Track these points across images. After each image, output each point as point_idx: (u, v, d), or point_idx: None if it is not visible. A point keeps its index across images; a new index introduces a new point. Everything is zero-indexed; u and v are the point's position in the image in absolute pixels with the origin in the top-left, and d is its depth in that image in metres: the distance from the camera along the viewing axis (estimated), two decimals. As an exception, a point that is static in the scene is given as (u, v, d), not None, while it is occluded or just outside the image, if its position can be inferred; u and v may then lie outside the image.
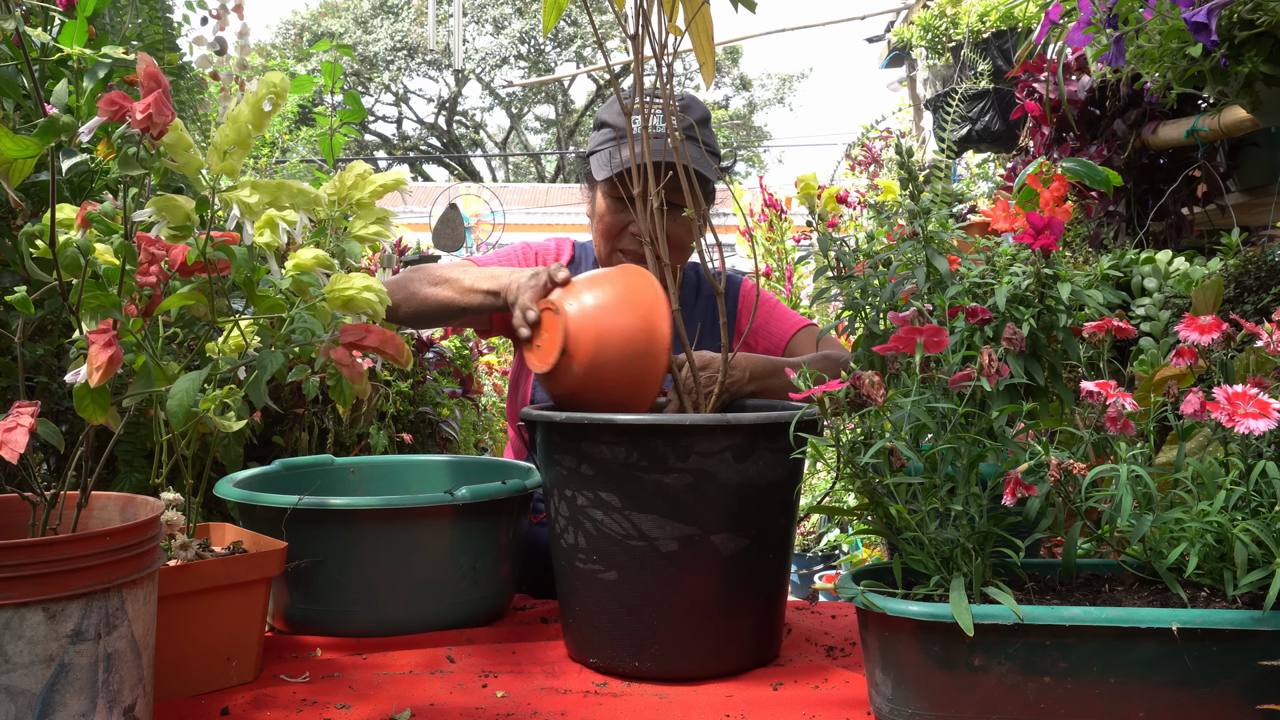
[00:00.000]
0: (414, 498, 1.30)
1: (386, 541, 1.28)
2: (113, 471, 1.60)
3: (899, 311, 1.19)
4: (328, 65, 2.22)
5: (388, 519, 1.27)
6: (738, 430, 1.14)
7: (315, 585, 1.29)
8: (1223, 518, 0.91)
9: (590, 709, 1.07)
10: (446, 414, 2.44)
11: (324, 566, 1.27)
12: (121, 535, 0.90)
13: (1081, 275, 1.23)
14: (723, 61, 21.55)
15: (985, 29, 4.06)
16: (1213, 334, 1.05)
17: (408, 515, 1.28)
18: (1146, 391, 1.42)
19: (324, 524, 1.27)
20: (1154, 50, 1.37)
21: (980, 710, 0.91)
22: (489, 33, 22.46)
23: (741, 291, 1.91)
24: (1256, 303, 1.76)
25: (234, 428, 1.17)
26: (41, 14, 1.50)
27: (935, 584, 0.97)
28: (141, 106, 0.93)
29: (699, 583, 1.16)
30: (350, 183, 1.26)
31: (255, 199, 1.10)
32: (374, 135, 23.21)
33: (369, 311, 1.16)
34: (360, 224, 1.27)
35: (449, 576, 1.32)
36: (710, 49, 1.38)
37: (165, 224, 1.07)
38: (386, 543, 1.28)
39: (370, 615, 1.30)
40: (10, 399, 1.41)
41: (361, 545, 1.28)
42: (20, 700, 0.84)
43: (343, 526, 1.27)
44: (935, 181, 1.55)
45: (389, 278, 1.73)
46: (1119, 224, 2.53)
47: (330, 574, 1.28)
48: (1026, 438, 1.06)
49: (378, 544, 1.27)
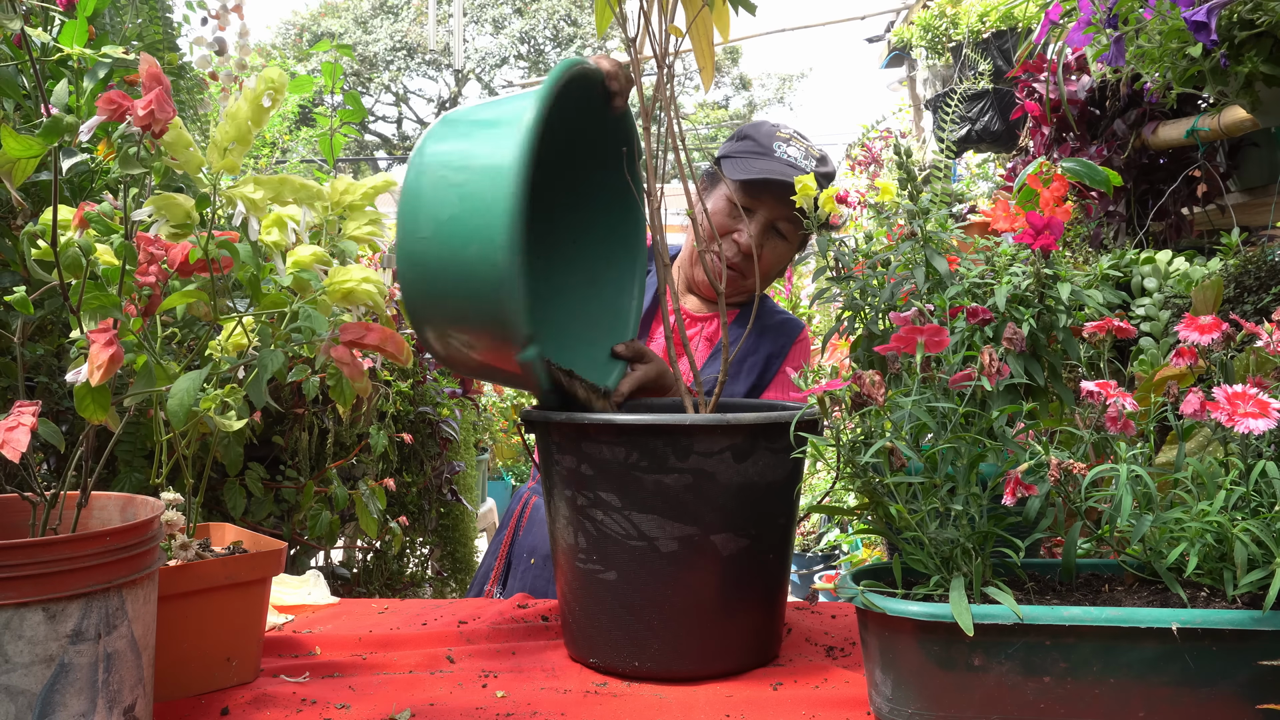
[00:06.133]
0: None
1: None
2: (113, 471, 1.60)
3: (899, 312, 1.19)
4: (328, 65, 2.22)
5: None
6: (738, 430, 1.14)
7: None
8: (1223, 518, 0.91)
9: (590, 709, 1.07)
10: (446, 414, 2.44)
11: None
12: (121, 535, 0.90)
13: (1081, 275, 1.23)
14: (722, 61, 21.55)
15: (985, 29, 4.06)
16: (1213, 334, 1.06)
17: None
18: (1146, 391, 1.42)
19: None
20: (1154, 50, 1.37)
21: (980, 710, 0.91)
22: (489, 33, 22.46)
23: (798, 337, 1.91)
24: (1256, 303, 1.76)
25: (234, 427, 1.17)
26: (42, 14, 1.50)
27: (935, 584, 0.97)
28: (142, 105, 0.93)
29: (699, 583, 1.16)
30: (341, 189, 1.27)
31: (259, 195, 1.09)
32: (374, 135, 23.21)
33: (369, 304, 1.16)
34: (354, 225, 1.27)
35: None
36: (710, 52, 1.38)
37: (165, 223, 1.07)
38: None
39: None
40: (10, 399, 1.42)
41: None
42: (20, 700, 0.84)
43: None
44: (935, 181, 1.55)
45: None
46: (1119, 224, 2.53)
47: None
48: (1026, 438, 1.06)
49: None
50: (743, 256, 1.77)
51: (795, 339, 1.89)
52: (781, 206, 1.71)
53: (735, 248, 1.77)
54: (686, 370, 1.71)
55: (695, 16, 1.33)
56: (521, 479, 5.66)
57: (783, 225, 1.76)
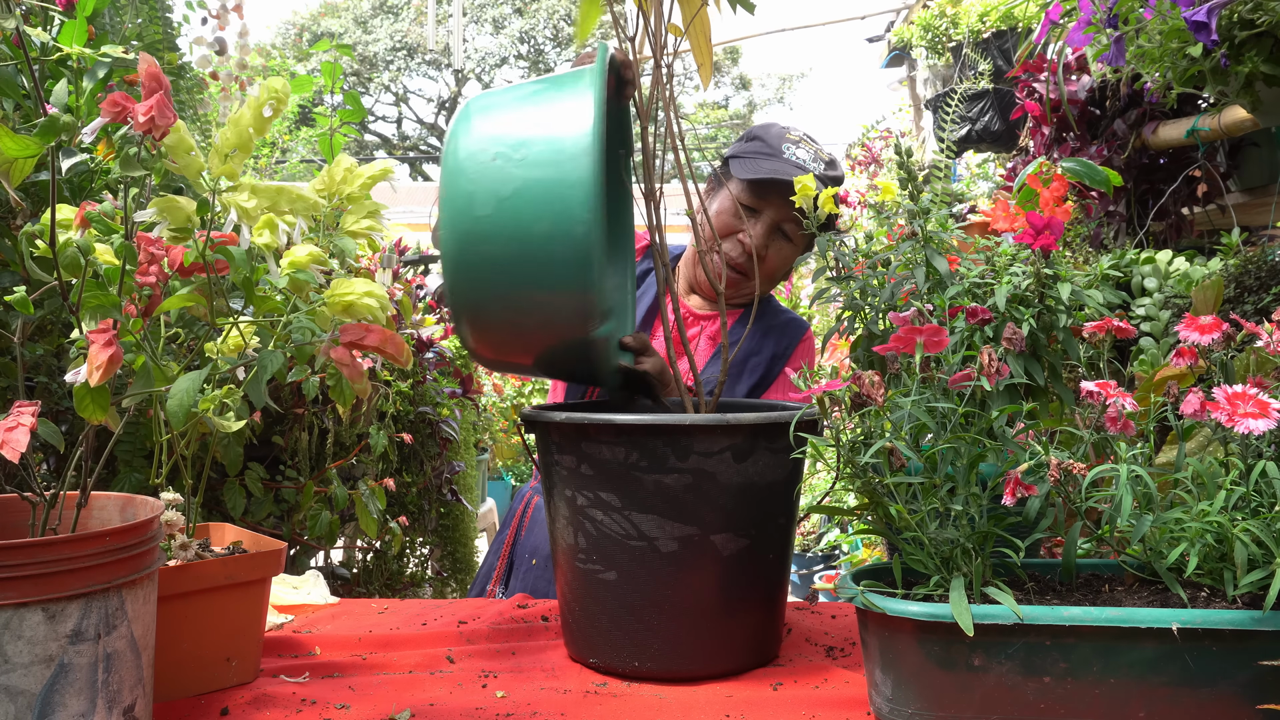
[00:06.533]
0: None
1: None
2: (113, 471, 1.60)
3: (899, 312, 1.19)
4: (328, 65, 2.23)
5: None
6: (738, 430, 1.13)
7: None
8: (1223, 518, 0.91)
9: (590, 709, 1.07)
10: (446, 414, 2.44)
11: None
12: (121, 535, 0.90)
13: (1081, 275, 1.23)
14: (722, 61, 21.55)
15: (985, 29, 4.06)
16: (1213, 334, 1.05)
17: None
18: (1146, 391, 1.42)
19: None
20: (1154, 50, 1.37)
21: (980, 710, 0.91)
22: (489, 33, 22.45)
23: (803, 337, 1.91)
24: (1256, 303, 1.76)
25: (234, 428, 1.17)
26: (41, 14, 1.50)
27: (935, 584, 0.97)
28: (143, 109, 0.93)
29: (699, 583, 1.16)
30: (339, 177, 1.26)
31: (253, 204, 1.09)
32: (374, 135, 23.21)
33: (369, 317, 1.15)
34: (352, 219, 1.26)
35: None
36: (708, 50, 1.38)
37: (166, 225, 1.07)
38: None
39: None
40: (10, 399, 1.42)
41: None
42: (20, 700, 0.84)
43: None
44: (935, 181, 1.55)
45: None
46: (1119, 224, 2.53)
47: None
48: (1026, 438, 1.06)
49: None
50: (747, 257, 1.77)
51: (800, 339, 1.89)
52: (788, 207, 1.70)
53: (740, 248, 1.77)
54: (687, 370, 1.71)
55: (694, 16, 1.33)
56: (521, 479, 5.66)
57: (788, 227, 1.76)
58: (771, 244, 1.78)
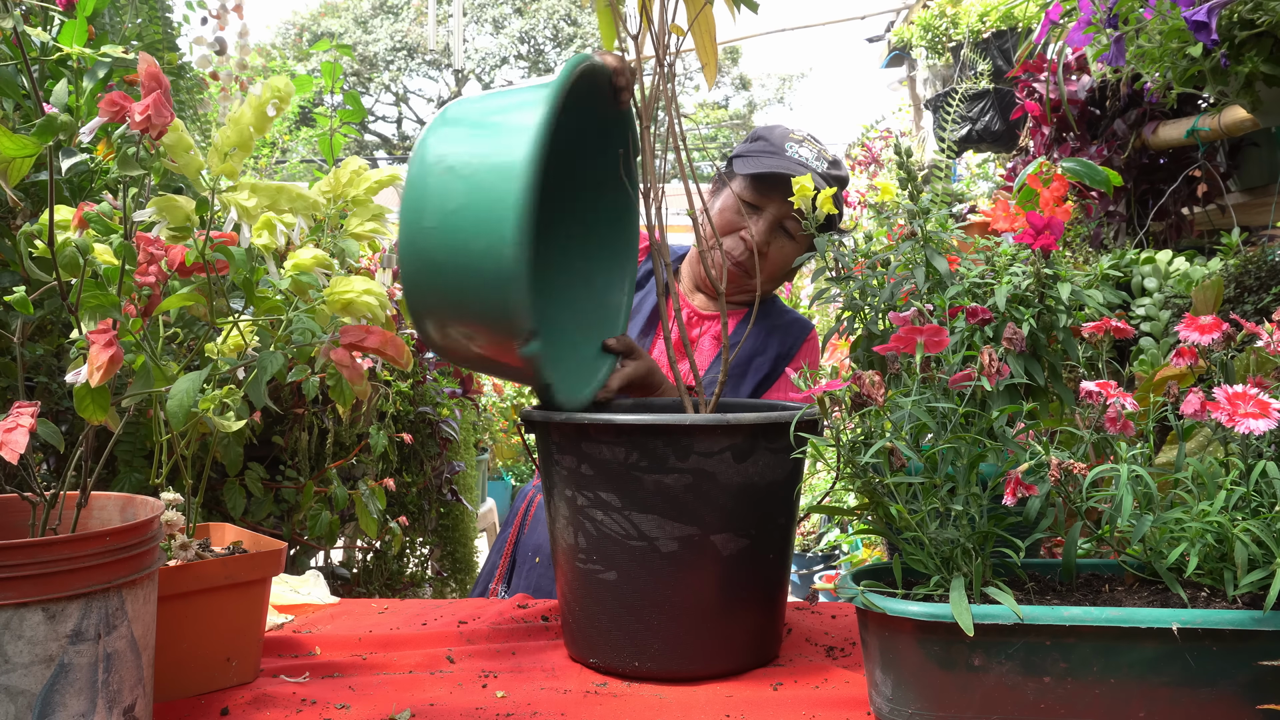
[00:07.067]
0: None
1: None
2: (113, 471, 1.60)
3: (898, 312, 1.19)
4: (328, 65, 2.23)
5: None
6: (738, 430, 1.13)
7: None
8: (1223, 518, 0.91)
9: (590, 709, 1.07)
10: (446, 414, 2.44)
11: None
12: (121, 535, 0.90)
13: (1081, 275, 1.23)
14: (722, 61, 21.52)
15: (985, 29, 4.06)
16: (1213, 334, 1.05)
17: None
18: (1146, 391, 1.42)
19: None
20: (1154, 50, 1.37)
21: (980, 710, 0.91)
22: (489, 33, 22.45)
23: (807, 337, 1.91)
24: (1256, 303, 1.76)
25: (233, 428, 1.16)
26: (41, 13, 1.50)
27: (935, 584, 0.97)
28: (141, 108, 0.93)
29: (699, 583, 1.16)
30: (346, 179, 1.26)
31: (253, 203, 1.09)
32: (374, 135, 23.21)
33: (369, 315, 1.16)
34: (356, 221, 1.26)
35: None
36: (713, 49, 1.38)
37: (165, 224, 1.07)
38: None
39: None
40: (10, 399, 1.42)
41: None
42: (20, 700, 0.84)
43: None
44: (935, 181, 1.55)
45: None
46: (1119, 224, 2.53)
47: None
48: (1026, 438, 1.06)
49: None
50: (749, 253, 1.77)
51: (805, 339, 1.89)
52: (790, 205, 1.70)
53: (742, 245, 1.77)
54: (688, 371, 1.71)
55: (697, 14, 1.33)
56: (521, 479, 5.66)
57: (790, 224, 1.76)
58: (773, 241, 1.78)
